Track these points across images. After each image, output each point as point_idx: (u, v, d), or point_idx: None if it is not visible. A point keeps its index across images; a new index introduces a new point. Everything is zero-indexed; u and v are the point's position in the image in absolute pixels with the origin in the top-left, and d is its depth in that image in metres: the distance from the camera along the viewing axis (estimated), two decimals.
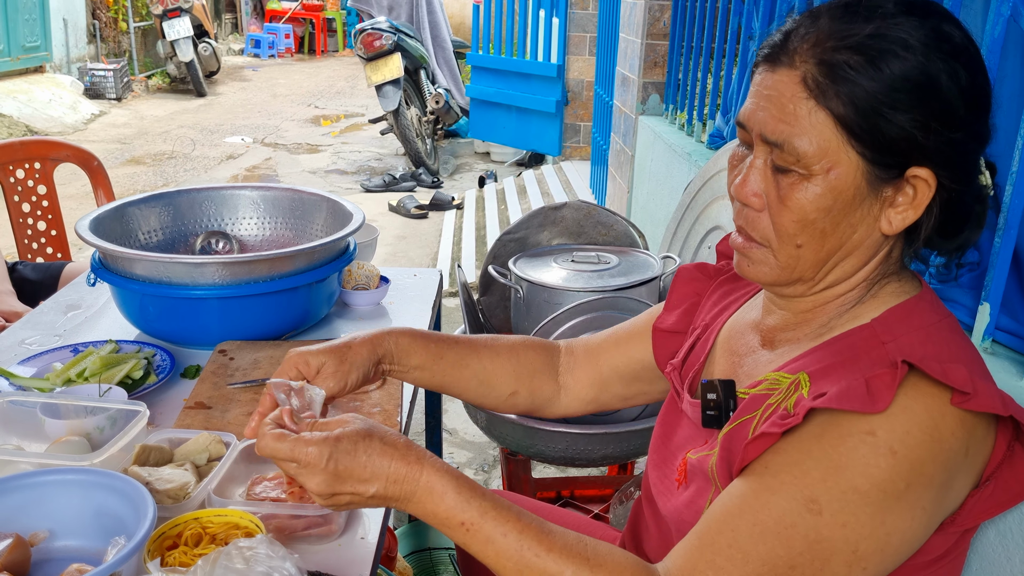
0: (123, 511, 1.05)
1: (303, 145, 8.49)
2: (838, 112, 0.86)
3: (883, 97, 0.85)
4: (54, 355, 1.55)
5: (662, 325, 1.21)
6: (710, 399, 1.01)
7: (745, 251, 0.97)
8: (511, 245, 2.29)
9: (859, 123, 0.86)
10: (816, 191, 0.88)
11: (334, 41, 17.01)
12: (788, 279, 0.95)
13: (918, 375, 0.85)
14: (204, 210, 1.95)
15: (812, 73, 0.87)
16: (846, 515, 0.83)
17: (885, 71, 0.85)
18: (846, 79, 0.85)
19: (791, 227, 0.91)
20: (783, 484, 0.85)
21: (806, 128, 0.87)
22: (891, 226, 0.90)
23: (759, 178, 0.92)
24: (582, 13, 6.30)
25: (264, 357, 1.54)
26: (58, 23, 9.95)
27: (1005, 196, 1.17)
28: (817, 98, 0.86)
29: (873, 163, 0.87)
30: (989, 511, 0.90)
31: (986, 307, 1.21)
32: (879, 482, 0.82)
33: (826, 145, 0.87)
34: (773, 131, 0.89)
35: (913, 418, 0.83)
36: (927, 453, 0.82)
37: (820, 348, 0.95)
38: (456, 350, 1.20)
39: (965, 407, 0.83)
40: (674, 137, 3.09)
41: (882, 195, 0.89)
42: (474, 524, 0.89)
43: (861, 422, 0.84)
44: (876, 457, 0.82)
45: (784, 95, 0.88)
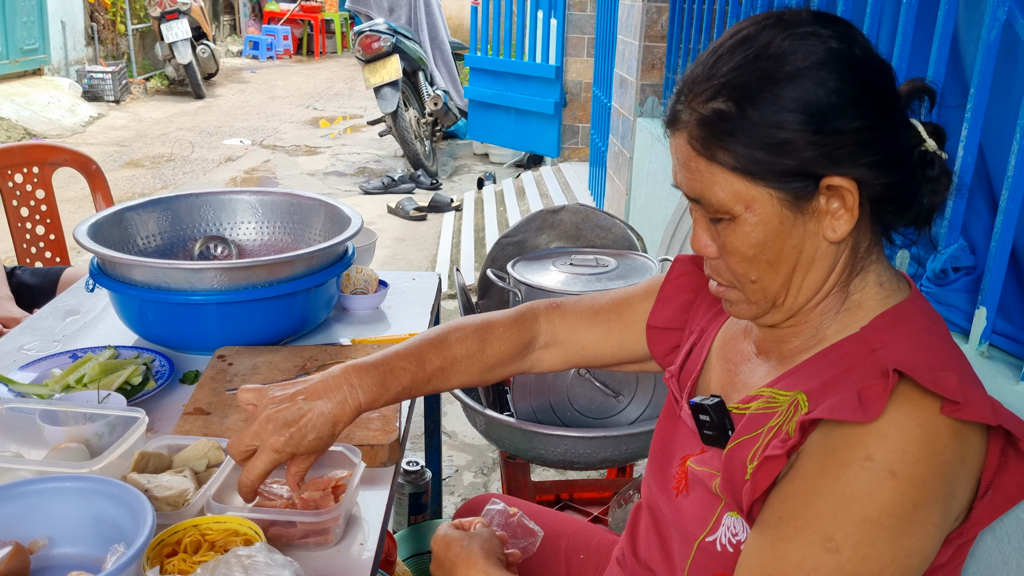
0: (122, 518, 1.05)
1: (302, 147, 8.49)
2: (728, 163, 0.89)
3: (763, 136, 0.87)
4: (53, 361, 1.56)
5: (656, 322, 1.22)
6: (704, 420, 1.01)
7: (723, 295, 1.01)
8: (509, 248, 2.29)
9: (750, 166, 0.88)
10: (745, 231, 0.92)
11: (332, 43, 17.00)
12: (765, 309, 0.98)
13: (909, 384, 0.85)
14: (202, 215, 1.95)
15: (695, 133, 0.91)
16: (865, 547, 0.82)
17: (756, 112, 0.87)
18: (722, 132, 0.88)
19: (740, 267, 0.95)
20: (797, 530, 0.85)
21: (711, 181, 0.91)
22: (835, 233, 0.91)
23: (703, 232, 0.97)
24: (580, 15, 6.30)
25: (263, 362, 1.54)
26: (56, 26, 9.95)
27: (1001, 200, 1.17)
28: (706, 156, 0.90)
29: (783, 190, 0.89)
30: (988, 516, 0.90)
31: (983, 311, 1.21)
32: (888, 507, 0.82)
33: (734, 190, 0.90)
34: (690, 189, 0.94)
35: (908, 435, 0.83)
36: (928, 469, 0.82)
37: (813, 361, 0.95)
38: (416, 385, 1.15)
39: (956, 416, 0.83)
40: None
41: (811, 210, 0.90)
42: None
43: (858, 448, 0.83)
44: (879, 482, 0.82)
45: (684, 156, 0.93)
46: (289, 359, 1.56)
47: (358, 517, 1.19)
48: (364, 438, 1.30)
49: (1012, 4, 1.20)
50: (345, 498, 1.12)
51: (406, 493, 2.23)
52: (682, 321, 1.20)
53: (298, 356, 1.57)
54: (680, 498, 1.06)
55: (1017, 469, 0.89)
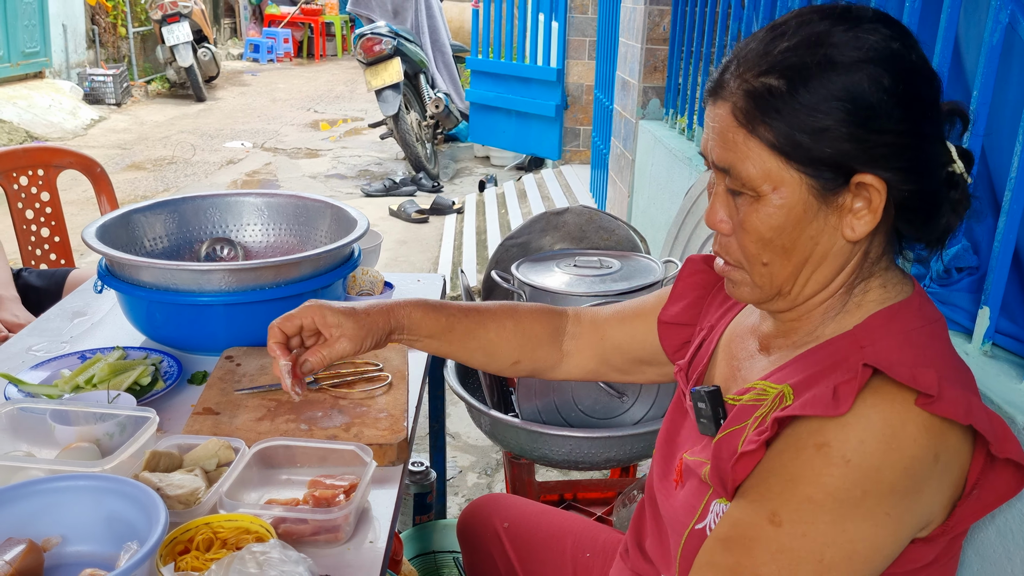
0: (135, 516, 1.06)
1: (303, 150, 8.50)
2: (768, 139, 0.90)
3: (807, 118, 0.88)
4: (62, 362, 1.57)
5: (666, 317, 1.24)
6: (700, 408, 1.03)
7: (727, 274, 1.01)
8: (513, 250, 2.30)
9: (790, 146, 0.89)
10: (767, 211, 0.92)
11: (333, 46, 17.02)
12: (768, 295, 0.99)
13: (883, 379, 0.86)
14: (209, 217, 1.96)
15: (740, 104, 0.91)
16: (804, 524, 0.85)
17: (806, 93, 0.87)
18: (769, 107, 0.89)
19: (753, 248, 0.95)
20: (751, 502, 0.90)
21: (745, 155, 0.91)
22: (854, 232, 0.92)
23: (722, 204, 0.97)
24: (581, 17, 6.31)
25: (271, 363, 1.55)
26: (57, 29, 9.96)
27: (1004, 201, 1.18)
28: (747, 128, 0.91)
29: (815, 178, 0.90)
30: (976, 514, 0.91)
31: (986, 311, 1.22)
32: (832, 491, 0.84)
33: (766, 168, 0.90)
34: (720, 159, 0.94)
35: (868, 427, 0.84)
36: (883, 460, 0.84)
37: (803, 356, 0.97)
38: (465, 323, 1.25)
39: (928, 410, 0.84)
40: (674, 141, 3.11)
41: (836, 204, 0.91)
42: None
43: (817, 434, 0.86)
44: (829, 467, 0.85)
45: (723, 125, 0.93)
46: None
47: (369, 515, 1.20)
48: (373, 437, 1.31)
49: (1014, 7, 1.21)
50: (356, 496, 1.13)
51: (411, 493, 2.24)
52: (692, 317, 1.21)
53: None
54: (677, 489, 1.07)
55: (1002, 474, 0.89)
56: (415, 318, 1.22)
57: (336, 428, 1.35)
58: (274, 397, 1.44)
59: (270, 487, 1.24)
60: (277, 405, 1.41)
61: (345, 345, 1.15)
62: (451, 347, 1.26)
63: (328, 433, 1.33)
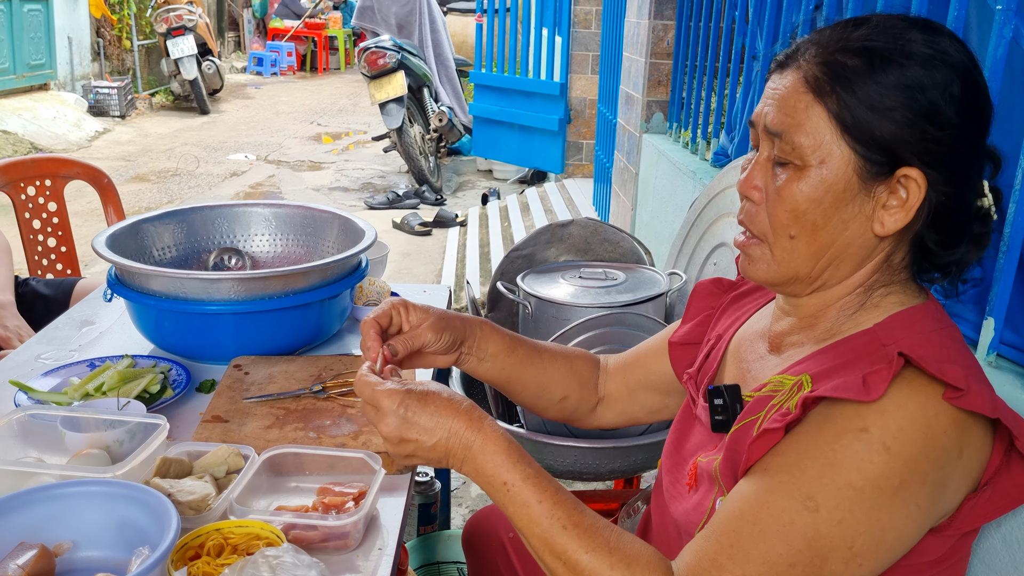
0: (146, 522, 1.06)
1: (306, 162, 8.53)
2: (832, 108, 0.92)
3: (875, 95, 0.90)
4: (71, 370, 1.57)
5: (675, 338, 1.25)
6: (717, 404, 1.04)
7: (745, 248, 1.02)
8: (519, 261, 2.32)
9: (851, 119, 0.91)
10: (809, 183, 0.93)
11: (336, 59, 17.10)
12: (785, 276, 0.99)
13: (914, 371, 0.87)
14: (217, 227, 1.97)
15: (813, 72, 0.93)
16: (842, 512, 0.85)
17: (879, 72, 0.90)
18: (842, 77, 0.91)
19: (784, 217, 0.96)
20: (782, 483, 0.88)
21: (803, 120, 0.93)
22: (883, 227, 0.93)
23: (760, 172, 0.98)
24: (585, 32, 6.35)
25: (278, 372, 1.56)
26: (63, 41, 10.02)
27: (1008, 212, 1.19)
28: (815, 93, 0.93)
29: (864, 158, 0.91)
30: (988, 515, 0.92)
31: (990, 321, 1.23)
32: (873, 478, 0.84)
33: (820, 138, 0.92)
34: (774, 122, 0.95)
35: (907, 415, 0.85)
36: (920, 450, 0.85)
37: (823, 352, 0.98)
38: (525, 347, 1.31)
39: (957, 403, 0.85)
40: (678, 155, 3.13)
41: (874, 194, 0.93)
42: (515, 486, 0.97)
43: (855, 419, 0.86)
44: (870, 453, 0.85)
45: (787, 91, 0.95)
46: (304, 368, 1.58)
47: (377, 522, 1.20)
48: (381, 445, 1.32)
49: (1018, 21, 1.22)
50: (365, 503, 1.13)
51: (415, 504, 2.24)
52: (700, 336, 1.23)
53: (313, 366, 1.59)
54: (691, 493, 1.08)
55: (1019, 472, 0.91)
56: (485, 331, 1.27)
57: (344, 436, 1.35)
58: (283, 405, 1.45)
59: (279, 494, 1.25)
60: (286, 413, 1.42)
61: (427, 334, 1.20)
62: (510, 372, 1.29)
63: (337, 441, 1.34)
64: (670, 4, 3.44)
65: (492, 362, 1.27)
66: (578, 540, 0.92)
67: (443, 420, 0.99)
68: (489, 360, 1.27)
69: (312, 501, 1.19)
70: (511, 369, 1.29)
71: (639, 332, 1.87)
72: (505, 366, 1.28)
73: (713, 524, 0.92)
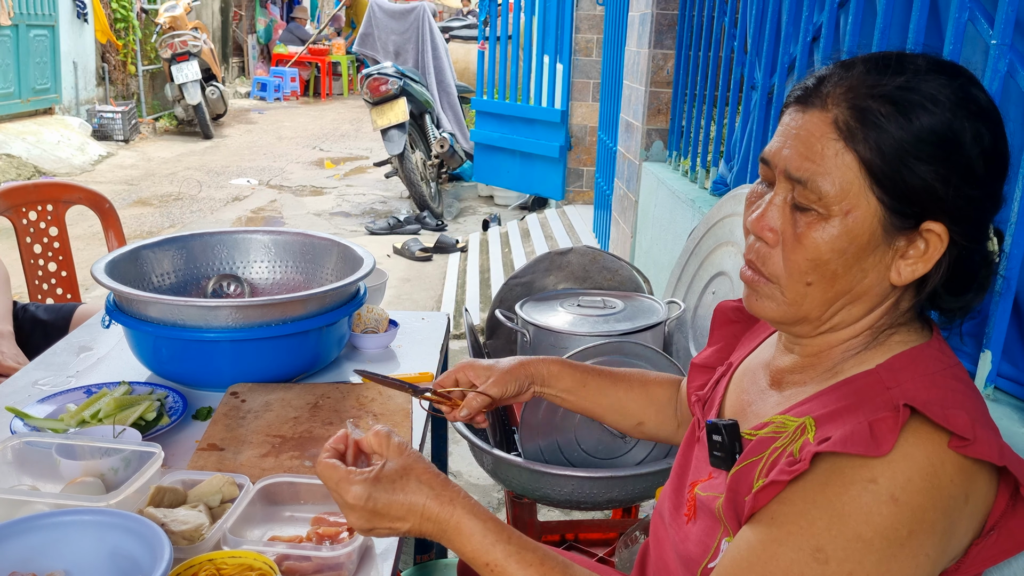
0: (139, 552, 1.06)
1: (308, 187, 8.56)
2: (864, 156, 0.89)
3: (909, 147, 0.87)
4: (68, 396, 1.57)
5: (698, 360, 1.26)
6: (716, 440, 1.03)
7: (754, 285, 0.99)
8: (517, 289, 2.32)
9: (883, 169, 0.88)
10: (833, 232, 0.90)
11: (339, 85, 17.22)
12: (794, 317, 0.97)
13: (920, 419, 0.86)
14: (216, 253, 1.98)
15: (844, 116, 0.90)
16: (852, 563, 0.84)
17: (914, 122, 0.88)
18: (876, 125, 0.88)
19: (803, 265, 0.93)
20: (790, 534, 0.87)
21: (831, 168, 0.90)
22: (900, 277, 0.92)
23: (777, 214, 0.94)
24: (586, 60, 6.40)
25: (275, 399, 1.56)
26: (68, 66, 10.10)
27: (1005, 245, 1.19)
28: (846, 140, 0.89)
29: (891, 211, 0.89)
30: (994, 558, 0.91)
31: (987, 355, 1.23)
32: (882, 529, 0.83)
33: (848, 187, 0.89)
34: (798, 168, 0.91)
35: (914, 465, 0.84)
36: (928, 500, 0.84)
37: (825, 392, 0.97)
38: (598, 380, 1.37)
39: (963, 452, 0.84)
40: (678, 183, 3.14)
41: (895, 245, 0.91)
42: (498, 565, 0.95)
43: (863, 469, 0.85)
44: (879, 505, 0.84)
45: (813, 135, 0.91)
46: (301, 396, 1.58)
47: (372, 553, 1.20)
48: None
49: (1012, 56, 1.23)
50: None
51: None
52: (719, 361, 1.23)
53: (310, 394, 1.59)
54: (689, 525, 1.07)
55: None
56: (553, 371, 1.33)
57: None
58: (278, 433, 1.44)
59: (273, 524, 1.24)
60: (282, 442, 1.42)
61: (493, 390, 1.27)
62: (585, 403, 1.36)
63: None
64: (670, 34, 3.47)
65: (566, 395, 1.35)
66: None
67: (414, 506, 0.97)
68: (563, 394, 1.35)
69: (307, 531, 1.18)
70: (585, 400, 1.36)
71: (637, 361, 1.86)
72: (579, 398, 1.35)
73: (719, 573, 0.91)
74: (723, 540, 1.00)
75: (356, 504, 0.97)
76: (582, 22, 6.37)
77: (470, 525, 0.97)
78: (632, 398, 1.38)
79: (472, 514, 0.97)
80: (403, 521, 0.97)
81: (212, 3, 15.02)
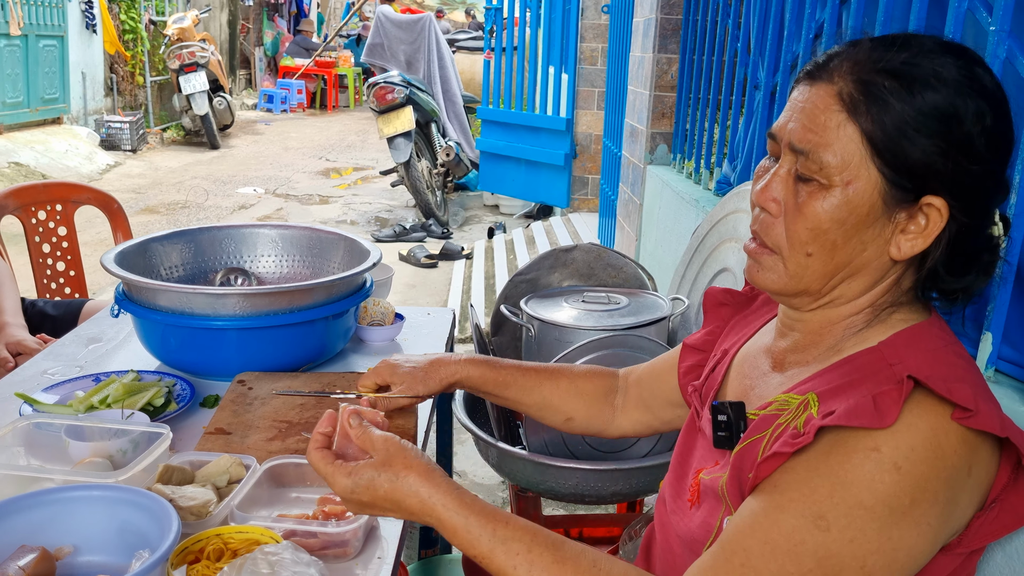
0: (147, 527, 1.07)
1: (314, 196, 8.60)
2: (867, 128, 0.90)
3: (911, 120, 0.89)
4: (76, 384, 1.59)
5: (690, 341, 1.27)
6: (720, 420, 1.04)
7: (756, 256, 1.01)
8: (523, 286, 2.33)
9: (885, 141, 0.90)
10: (833, 202, 0.92)
11: (345, 97, 17.30)
12: (795, 289, 0.98)
13: (923, 392, 0.87)
14: (224, 247, 2.00)
15: (848, 89, 0.92)
16: (853, 530, 0.84)
17: (917, 97, 0.89)
18: (879, 98, 0.90)
19: (804, 235, 0.94)
20: (792, 501, 0.88)
21: (833, 139, 0.91)
22: (900, 251, 0.93)
23: (780, 185, 0.96)
24: (591, 68, 6.43)
25: (282, 387, 1.57)
26: (76, 76, 10.18)
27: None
28: (849, 112, 0.91)
29: (892, 183, 0.91)
30: (995, 533, 0.92)
31: (988, 336, 1.24)
32: (884, 497, 0.84)
33: (850, 158, 0.91)
34: (801, 139, 0.93)
35: (917, 435, 0.85)
36: (931, 470, 0.85)
37: (828, 370, 0.98)
38: (521, 380, 1.39)
39: (966, 424, 0.85)
40: (682, 185, 3.15)
41: (895, 219, 0.92)
42: (486, 557, 0.96)
43: (867, 439, 0.86)
44: (881, 473, 0.84)
45: (818, 107, 0.93)
46: (308, 384, 1.59)
47: (377, 533, 1.20)
48: None
49: (1012, 43, 1.25)
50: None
51: (417, 527, 2.23)
52: (710, 345, 1.25)
53: (316, 382, 1.60)
54: (693, 510, 1.08)
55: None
56: (474, 375, 1.37)
57: None
58: (286, 419, 1.46)
59: (280, 505, 1.25)
60: (288, 426, 1.43)
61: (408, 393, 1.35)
62: (507, 402, 1.40)
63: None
64: (674, 38, 3.49)
65: (489, 396, 1.41)
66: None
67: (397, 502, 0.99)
68: (486, 395, 1.41)
69: (313, 510, 1.19)
70: (508, 399, 1.40)
71: (641, 354, 1.87)
72: (502, 398, 1.40)
73: (721, 543, 0.91)
74: (724, 518, 1.01)
75: (344, 495, 1.01)
76: (587, 31, 6.40)
77: (453, 522, 0.96)
78: (558, 394, 1.40)
79: (454, 509, 0.97)
80: (392, 512, 1.00)
81: (220, 16, 15.13)
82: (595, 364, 1.90)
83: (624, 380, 1.43)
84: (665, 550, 1.19)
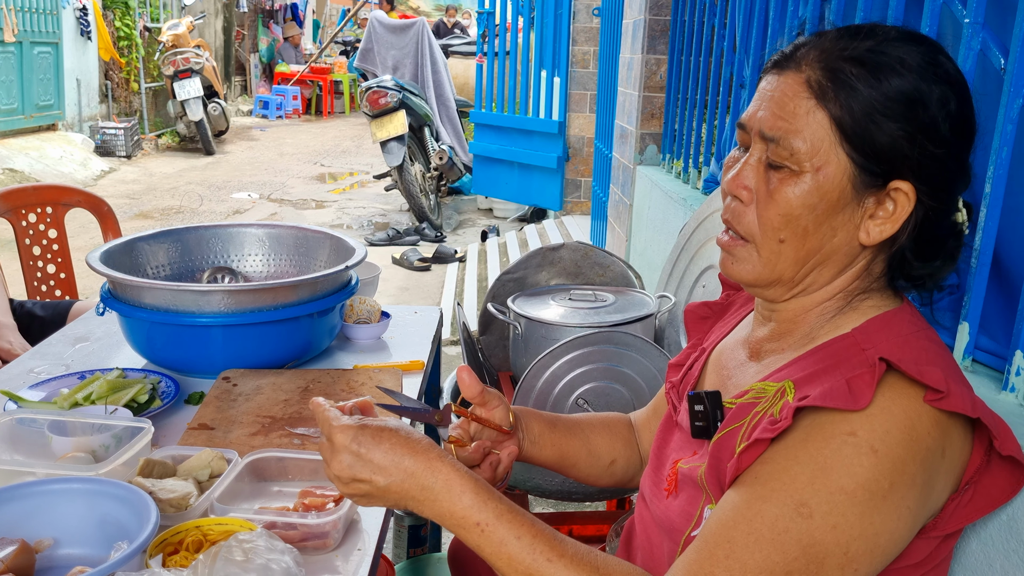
0: (126, 519, 1.07)
1: (309, 201, 8.61)
2: (835, 114, 0.92)
3: (878, 105, 0.91)
4: (61, 381, 1.59)
5: (675, 360, 1.26)
6: (697, 410, 1.04)
7: (730, 248, 1.01)
8: (510, 285, 2.34)
9: (853, 127, 0.91)
10: (804, 188, 0.93)
11: (341, 103, 17.31)
12: (769, 278, 0.99)
13: (895, 375, 0.89)
14: (211, 246, 2.00)
15: (816, 76, 0.93)
16: (836, 516, 0.85)
17: (883, 82, 0.91)
18: (847, 84, 0.92)
19: (776, 221, 0.96)
20: (773, 491, 0.88)
21: (803, 126, 0.93)
22: (869, 237, 0.95)
23: (751, 173, 0.97)
24: (583, 72, 6.45)
25: (266, 383, 1.58)
26: (71, 83, 10.19)
27: (980, 218, 1.21)
28: (818, 98, 0.93)
29: (860, 168, 0.92)
30: (969, 516, 0.93)
31: (965, 327, 1.24)
32: (864, 481, 0.85)
33: (819, 144, 0.92)
34: (771, 127, 0.95)
35: (892, 418, 0.86)
36: (907, 452, 0.86)
37: (803, 358, 0.99)
38: (564, 421, 1.30)
39: (938, 405, 0.87)
40: (670, 184, 3.16)
41: (864, 204, 0.94)
42: (489, 525, 0.92)
43: (843, 423, 0.87)
44: (859, 456, 0.85)
45: (787, 94, 0.95)
46: (292, 380, 1.59)
47: (358, 525, 1.21)
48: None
49: (986, 35, 1.26)
50: (345, 503, 1.14)
51: (406, 526, 2.24)
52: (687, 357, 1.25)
53: (301, 378, 1.61)
54: (670, 499, 1.08)
55: (999, 473, 0.92)
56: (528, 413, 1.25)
57: None
58: (269, 414, 1.46)
59: (261, 498, 1.26)
60: (272, 421, 1.44)
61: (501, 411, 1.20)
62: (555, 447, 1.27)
63: None
64: (663, 39, 3.50)
65: (541, 441, 1.26)
66: (565, 569, 0.90)
67: (398, 458, 0.94)
68: (539, 441, 1.25)
69: (293, 503, 1.19)
70: (559, 444, 1.27)
71: (627, 351, 1.88)
72: (553, 442, 1.27)
73: (704, 535, 0.91)
74: (706, 508, 1.01)
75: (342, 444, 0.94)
76: (579, 35, 6.42)
77: (460, 483, 0.93)
78: (599, 436, 1.32)
79: (461, 473, 0.94)
80: (386, 473, 0.93)
81: (215, 22, 15.14)
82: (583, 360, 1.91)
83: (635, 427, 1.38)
84: (644, 540, 1.19)
